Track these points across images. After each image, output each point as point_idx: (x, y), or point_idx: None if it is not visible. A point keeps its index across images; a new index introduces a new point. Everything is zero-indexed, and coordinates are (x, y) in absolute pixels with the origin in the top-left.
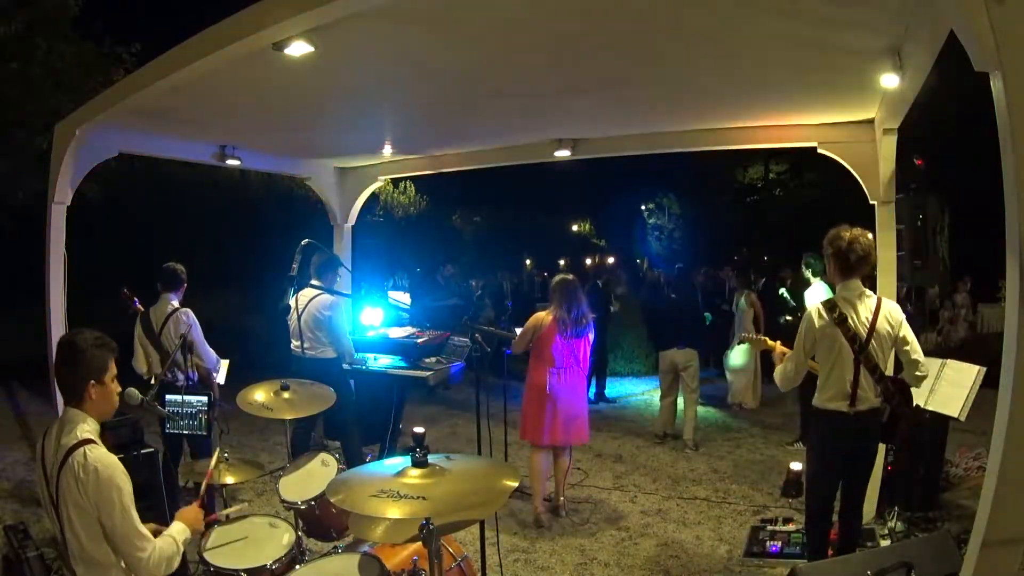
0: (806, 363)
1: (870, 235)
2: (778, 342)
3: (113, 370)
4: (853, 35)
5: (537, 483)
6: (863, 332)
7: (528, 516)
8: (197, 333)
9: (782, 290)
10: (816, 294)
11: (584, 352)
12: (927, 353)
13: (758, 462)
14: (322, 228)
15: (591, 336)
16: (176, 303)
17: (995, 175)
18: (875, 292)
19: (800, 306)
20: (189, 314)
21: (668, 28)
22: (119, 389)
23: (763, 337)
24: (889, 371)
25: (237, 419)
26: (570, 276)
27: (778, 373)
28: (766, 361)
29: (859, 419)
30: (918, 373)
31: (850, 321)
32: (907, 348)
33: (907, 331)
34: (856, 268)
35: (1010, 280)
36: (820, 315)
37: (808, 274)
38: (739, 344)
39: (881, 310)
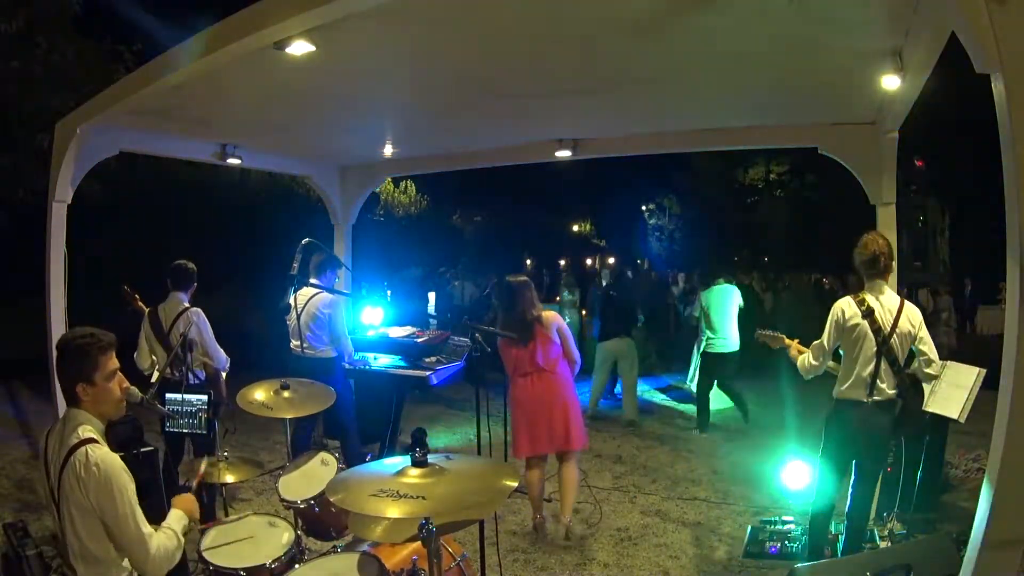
0: (830, 351)
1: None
2: (796, 340)
3: (108, 368)
4: (854, 37)
5: (531, 494)
6: (887, 326)
7: (528, 516)
8: (207, 333)
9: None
10: (717, 293)
11: (551, 354)
12: None
13: (757, 463)
14: (323, 227)
15: (556, 335)
16: (187, 302)
17: (996, 176)
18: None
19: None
20: (199, 314)
21: (669, 29)
22: (124, 385)
23: (780, 335)
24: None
25: (237, 418)
26: (518, 278)
27: (802, 363)
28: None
29: (876, 406)
30: (929, 371)
31: (877, 314)
32: (923, 347)
33: (924, 331)
34: (881, 272)
35: (1010, 282)
36: (850, 306)
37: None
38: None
39: (903, 310)
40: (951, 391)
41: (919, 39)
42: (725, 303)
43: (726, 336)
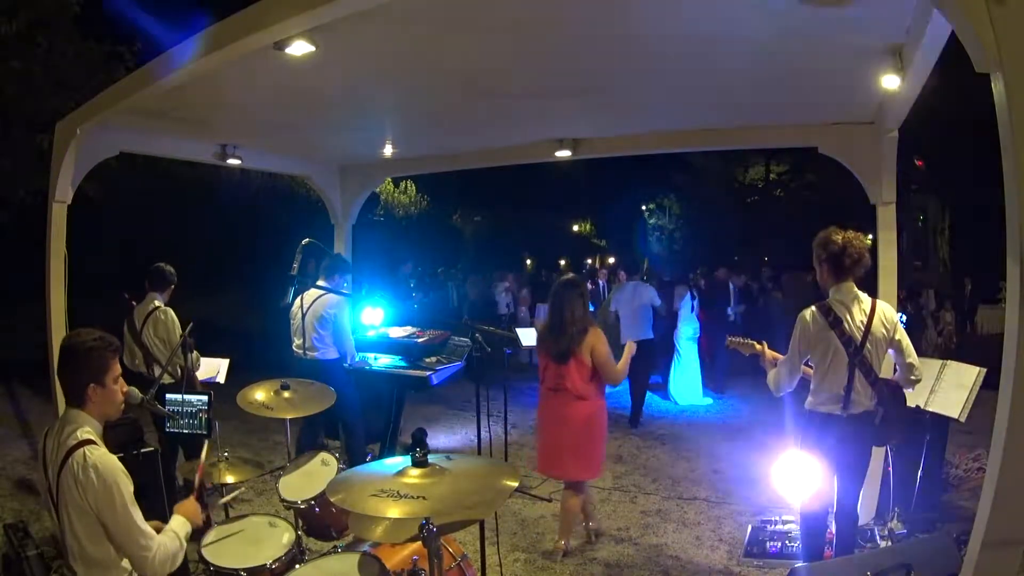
0: (800, 367)
1: (866, 238)
2: (764, 343)
3: (116, 371)
4: (854, 36)
5: (563, 519)
6: (858, 335)
7: (528, 516)
8: (174, 333)
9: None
10: (620, 291)
11: (583, 379)
12: (929, 355)
13: (758, 463)
14: (323, 227)
15: (588, 358)
16: (159, 302)
17: (996, 176)
18: (872, 294)
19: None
20: (167, 312)
21: (669, 29)
22: (124, 389)
23: (750, 341)
24: (887, 373)
25: (237, 418)
26: (564, 278)
27: (771, 378)
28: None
29: (852, 421)
30: (912, 376)
31: (845, 324)
32: (902, 351)
33: (902, 333)
34: (850, 271)
35: (1010, 281)
36: (814, 318)
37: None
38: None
39: (876, 312)
40: (951, 391)
41: (919, 39)
42: (629, 300)
43: (629, 329)
